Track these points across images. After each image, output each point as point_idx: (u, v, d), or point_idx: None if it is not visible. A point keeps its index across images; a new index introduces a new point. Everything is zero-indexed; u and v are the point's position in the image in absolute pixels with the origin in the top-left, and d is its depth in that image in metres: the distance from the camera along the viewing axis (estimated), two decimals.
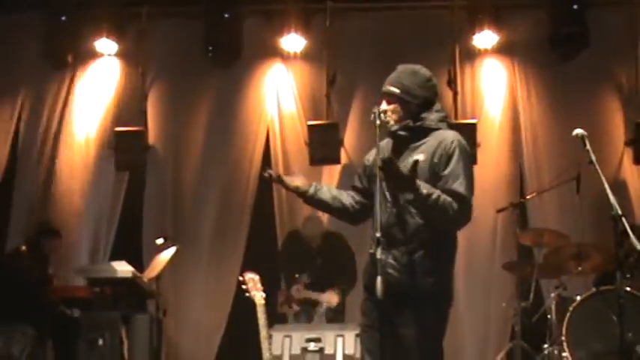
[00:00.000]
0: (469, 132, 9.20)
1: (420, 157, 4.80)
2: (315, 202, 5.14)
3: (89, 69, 9.99)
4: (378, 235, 4.61)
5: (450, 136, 4.90)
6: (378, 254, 4.59)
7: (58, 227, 9.14)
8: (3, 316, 8.24)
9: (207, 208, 9.67)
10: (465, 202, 4.81)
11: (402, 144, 4.95)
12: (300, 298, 8.23)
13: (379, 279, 4.52)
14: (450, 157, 4.81)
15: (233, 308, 9.19)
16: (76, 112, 9.93)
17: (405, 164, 4.78)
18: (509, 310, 8.43)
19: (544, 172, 9.34)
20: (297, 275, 8.27)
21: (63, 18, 9.68)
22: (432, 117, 4.99)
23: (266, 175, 5.12)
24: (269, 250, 9.28)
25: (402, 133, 4.95)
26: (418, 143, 4.94)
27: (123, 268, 8.21)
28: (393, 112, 4.98)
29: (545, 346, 7.68)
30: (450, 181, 4.78)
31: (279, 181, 5.10)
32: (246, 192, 9.63)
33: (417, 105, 5.00)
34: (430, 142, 4.90)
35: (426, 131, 4.96)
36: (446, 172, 4.79)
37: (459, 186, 4.78)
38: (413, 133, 4.97)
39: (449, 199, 4.73)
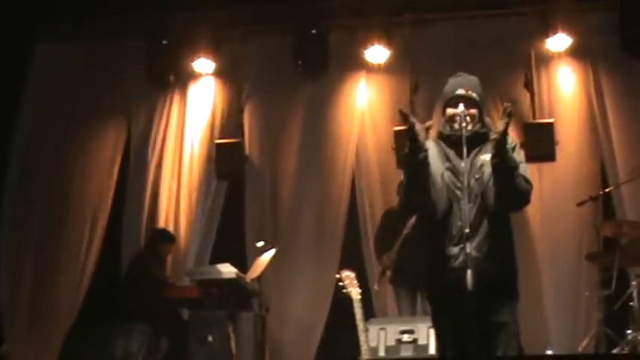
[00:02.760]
0: (547, 130, 9.24)
1: (487, 156, 4.95)
2: (420, 162, 4.88)
3: (189, 88, 10.21)
4: (467, 230, 4.70)
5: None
6: (468, 248, 4.67)
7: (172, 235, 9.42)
8: (124, 315, 8.49)
9: (303, 213, 9.77)
10: (530, 184, 4.97)
11: (467, 148, 4.93)
12: (390, 261, 8.21)
13: (469, 272, 4.60)
14: (512, 151, 4.93)
15: (332, 304, 9.27)
16: (179, 128, 10.14)
17: (478, 163, 4.96)
18: (593, 299, 8.36)
19: (622, 165, 9.21)
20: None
21: (164, 42, 9.91)
22: (489, 125, 5.15)
23: (400, 110, 4.96)
24: (362, 250, 9.38)
25: (467, 135, 4.97)
26: (479, 147, 5.05)
27: (228, 270, 8.37)
28: (472, 117, 5.05)
29: (629, 331, 7.61)
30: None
31: (406, 115, 4.88)
32: (340, 197, 9.70)
33: (482, 112, 5.11)
34: (489, 145, 4.98)
35: (486, 137, 5.08)
36: None
37: (525, 172, 4.96)
38: (478, 138, 5.05)
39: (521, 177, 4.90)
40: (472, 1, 9.66)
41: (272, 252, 8.57)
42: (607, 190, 8.77)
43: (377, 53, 9.68)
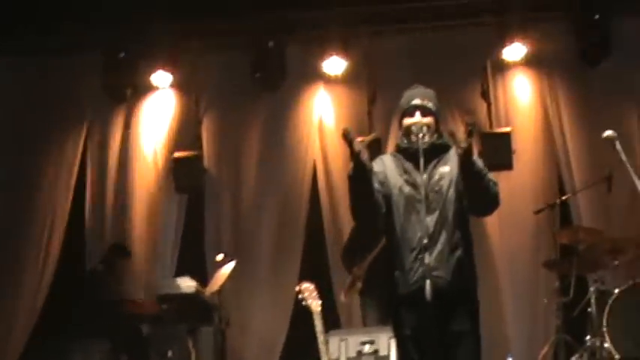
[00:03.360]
0: (504, 140, 9.28)
1: (446, 168, 5.01)
2: (365, 179, 4.85)
3: (147, 101, 10.15)
4: (425, 241, 4.70)
5: None
6: (426, 259, 4.67)
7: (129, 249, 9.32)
8: (82, 332, 8.37)
9: (263, 225, 9.72)
10: (496, 184, 4.99)
11: (425, 159, 4.94)
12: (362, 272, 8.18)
13: (428, 283, 4.59)
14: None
15: (292, 317, 9.22)
16: (137, 141, 10.07)
17: (436, 175, 4.98)
18: (551, 306, 8.40)
19: (578, 173, 9.29)
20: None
21: (121, 55, 9.82)
22: (445, 137, 5.14)
23: (344, 132, 4.79)
24: (322, 262, 9.34)
25: (424, 147, 4.97)
26: (437, 159, 5.06)
27: (187, 284, 8.32)
28: (428, 126, 5.05)
29: (588, 338, 7.63)
30: None
31: (350, 140, 4.76)
32: (300, 209, 9.69)
33: (438, 123, 5.13)
34: (449, 156, 5.06)
35: (444, 148, 5.10)
36: None
37: (490, 176, 4.97)
38: (435, 149, 5.07)
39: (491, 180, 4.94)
40: (428, 13, 9.67)
41: (232, 265, 8.50)
42: (564, 197, 8.82)
43: (334, 64, 9.68)
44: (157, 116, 10.12)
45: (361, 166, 4.80)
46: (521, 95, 9.73)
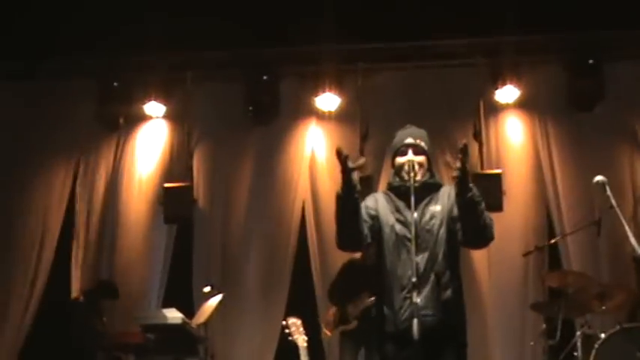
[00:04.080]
0: (495, 181, 9.31)
1: (437, 207, 5.06)
2: (353, 200, 4.89)
3: (139, 130, 10.16)
4: (414, 280, 4.71)
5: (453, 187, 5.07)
6: (415, 298, 4.69)
7: (116, 280, 9.28)
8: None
9: (251, 258, 9.72)
10: (492, 221, 5.00)
11: (416, 198, 4.95)
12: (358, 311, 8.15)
13: (415, 322, 4.60)
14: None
15: (277, 351, 9.18)
16: (128, 170, 10.07)
17: (427, 214, 5.01)
18: (538, 348, 8.39)
19: (568, 217, 9.33)
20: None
21: (115, 84, 9.86)
22: (437, 176, 5.26)
23: (337, 150, 4.78)
24: (309, 297, 9.33)
25: (416, 186, 4.99)
26: (428, 198, 5.09)
27: (173, 315, 8.26)
28: (420, 164, 5.10)
29: None
30: None
31: (344, 159, 4.77)
32: (288, 243, 9.68)
33: (430, 162, 5.19)
34: (440, 196, 5.12)
35: (435, 187, 5.16)
36: None
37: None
38: (427, 188, 5.10)
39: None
40: (422, 52, 9.74)
41: (219, 297, 8.48)
42: (553, 240, 8.85)
43: (328, 101, 9.75)
44: (148, 146, 10.13)
45: (351, 185, 4.83)
46: (513, 137, 9.79)
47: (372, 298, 7.72)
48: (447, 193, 5.13)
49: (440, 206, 5.06)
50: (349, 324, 8.02)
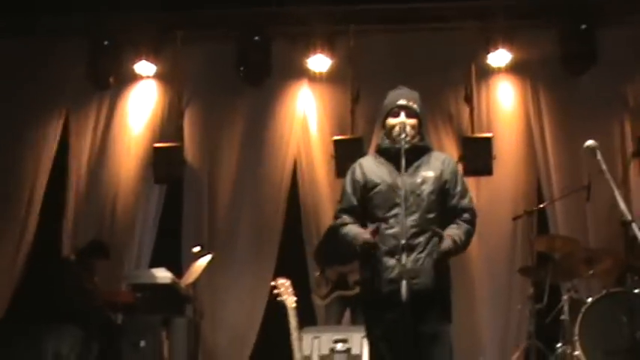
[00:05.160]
0: (485, 145, 9.33)
1: (430, 173, 5.08)
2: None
3: (130, 90, 10.12)
4: (403, 242, 4.73)
5: (448, 157, 5.33)
6: (403, 260, 4.70)
7: (107, 240, 9.30)
8: (54, 316, 8.36)
9: (241, 219, 9.74)
10: (475, 214, 5.16)
11: (407, 161, 4.98)
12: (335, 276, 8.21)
13: (404, 283, 4.62)
14: (456, 175, 5.19)
15: (266, 311, 9.24)
16: (118, 130, 10.05)
17: (417, 178, 5.04)
18: (525, 312, 8.47)
19: (557, 181, 9.37)
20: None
21: (105, 42, 9.81)
22: (427, 139, 5.28)
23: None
24: (299, 258, 9.37)
25: (406, 148, 5.01)
26: (419, 162, 5.11)
27: (163, 275, 8.30)
28: (412, 127, 5.10)
29: (559, 345, 7.70)
30: (463, 198, 5.15)
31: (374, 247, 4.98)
32: (278, 204, 9.69)
33: (421, 125, 5.16)
34: (432, 161, 5.17)
35: (425, 150, 5.19)
36: (457, 189, 5.14)
37: (470, 202, 5.19)
38: (417, 151, 5.11)
39: (470, 227, 5.10)
40: (414, 14, 9.69)
41: (208, 258, 8.51)
42: (542, 205, 8.89)
43: (319, 62, 9.73)
44: (139, 105, 10.09)
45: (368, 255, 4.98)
46: (504, 101, 9.79)
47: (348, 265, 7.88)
48: (441, 160, 5.17)
49: (432, 172, 5.09)
50: (349, 289, 8.07)
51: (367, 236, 4.94)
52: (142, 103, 10.09)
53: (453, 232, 5.00)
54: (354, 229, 5.07)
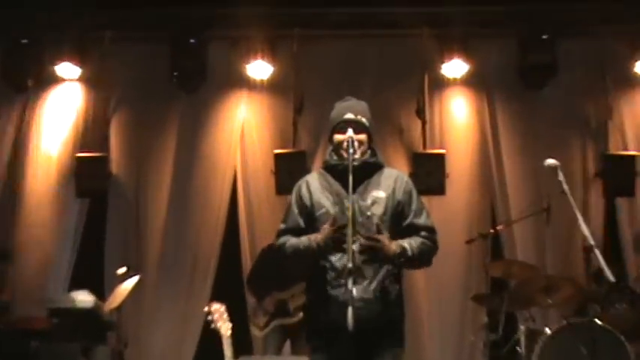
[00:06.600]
0: (438, 162, 9.37)
1: (381, 194, 5.01)
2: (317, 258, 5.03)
3: (50, 93, 9.99)
4: (350, 265, 4.67)
5: (401, 174, 5.24)
6: (349, 285, 4.65)
7: (20, 255, 9.14)
8: None
9: (173, 238, 9.66)
10: (435, 233, 5.10)
11: (356, 179, 4.89)
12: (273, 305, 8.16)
13: (350, 311, 4.58)
14: (410, 194, 5.10)
15: (200, 340, 9.15)
16: (37, 136, 9.91)
17: (368, 198, 4.99)
18: (478, 344, 8.49)
19: (514, 203, 9.45)
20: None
21: (24, 41, 9.67)
22: (379, 155, 5.21)
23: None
24: (237, 280, 9.30)
25: (355, 165, 4.93)
26: (369, 180, 5.08)
27: (83, 298, 8.19)
28: (361, 142, 5.07)
29: None
30: (419, 216, 5.08)
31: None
32: (215, 221, 9.64)
33: (372, 140, 5.16)
34: (383, 180, 5.10)
35: (377, 168, 5.14)
36: (412, 207, 5.07)
37: (427, 219, 5.11)
38: (367, 168, 5.09)
39: (426, 241, 5.02)
40: (365, 20, 9.75)
41: (134, 280, 8.40)
42: (497, 228, 8.92)
43: (260, 68, 9.72)
44: (60, 111, 9.97)
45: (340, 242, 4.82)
46: (458, 115, 9.89)
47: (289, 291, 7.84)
48: (394, 178, 5.12)
49: (383, 192, 5.03)
50: (290, 317, 8.00)
51: (326, 226, 4.85)
52: (64, 109, 9.98)
53: (405, 240, 4.97)
54: (302, 239, 5.00)
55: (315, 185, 5.12)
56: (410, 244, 4.94)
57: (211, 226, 9.65)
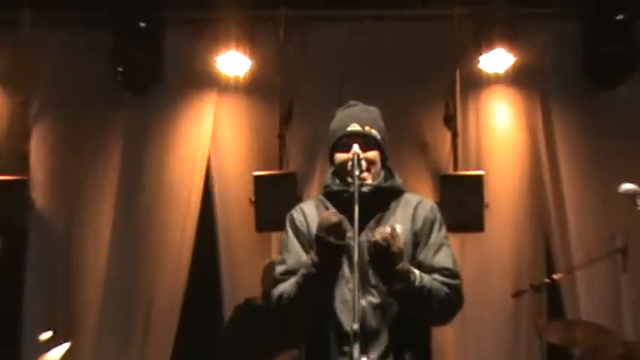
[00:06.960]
0: (474, 187, 9.45)
1: (398, 228, 4.89)
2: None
3: None
4: (355, 327, 4.55)
5: (424, 199, 5.18)
6: (354, 353, 4.55)
7: None
8: None
9: (117, 288, 9.65)
10: (460, 280, 4.95)
11: (366, 211, 4.85)
12: None
13: None
14: (433, 224, 5.04)
15: None
16: None
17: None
18: None
19: (577, 243, 9.40)
20: None
21: None
22: (397, 177, 5.18)
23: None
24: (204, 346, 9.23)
25: (364, 192, 4.88)
26: (383, 210, 5.06)
27: None
28: (372, 162, 4.98)
29: None
30: (436, 253, 4.97)
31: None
32: (177, 267, 9.65)
33: (386, 157, 5.17)
34: (401, 209, 5.08)
35: (394, 194, 5.12)
36: (431, 240, 5.00)
37: (448, 259, 4.98)
38: (381, 195, 5.05)
39: (444, 287, 4.87)
40: None
41: (64, 348, 8.34)
42: (555, 276, 8.85)
43: (234, 62, 9.76)
44: None
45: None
46: (501, 124, 9.82)
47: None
48: (414, 204, 5.06)
49: (401, 226, 4.95)
50: None
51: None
52: None
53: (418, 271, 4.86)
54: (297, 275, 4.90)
55: (312, 216, 5.06)
56: (422, 275, 4.82)
57: (170, 273, 9.61)
